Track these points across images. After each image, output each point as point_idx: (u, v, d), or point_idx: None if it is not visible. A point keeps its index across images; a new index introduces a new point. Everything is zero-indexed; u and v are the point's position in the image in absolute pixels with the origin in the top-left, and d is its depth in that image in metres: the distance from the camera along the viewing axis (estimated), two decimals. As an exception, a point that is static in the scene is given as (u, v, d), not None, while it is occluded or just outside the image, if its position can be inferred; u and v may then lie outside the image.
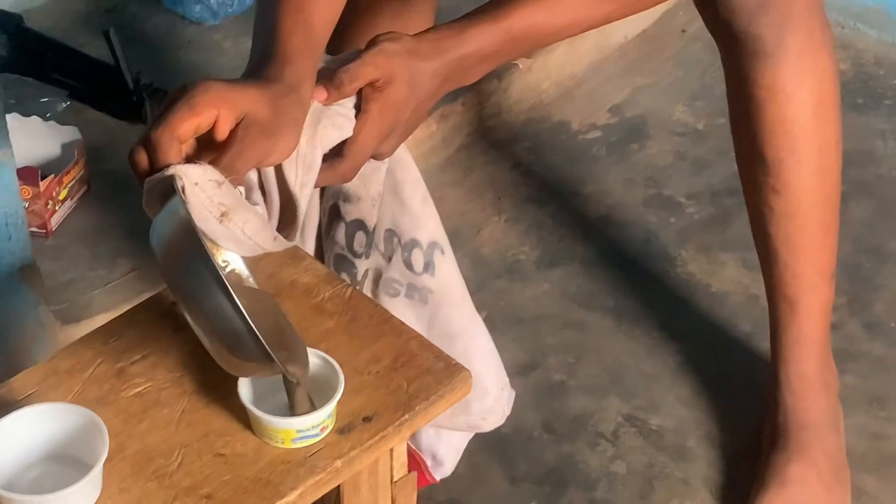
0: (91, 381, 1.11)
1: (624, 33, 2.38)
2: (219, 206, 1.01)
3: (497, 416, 1.41)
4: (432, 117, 2.09)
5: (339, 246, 1.30)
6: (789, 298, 1.56)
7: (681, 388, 1.76)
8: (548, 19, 1.16)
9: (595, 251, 1.96)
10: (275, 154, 1.07)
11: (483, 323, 1.37)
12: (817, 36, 1.44)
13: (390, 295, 1.32)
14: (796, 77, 1.43)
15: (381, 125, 1.14)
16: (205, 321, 1.01)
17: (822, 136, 1.48)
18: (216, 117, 1.03)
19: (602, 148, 2.16)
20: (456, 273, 1.34)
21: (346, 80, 1.13)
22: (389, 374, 1.13)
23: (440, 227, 1.32)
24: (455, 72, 1.17)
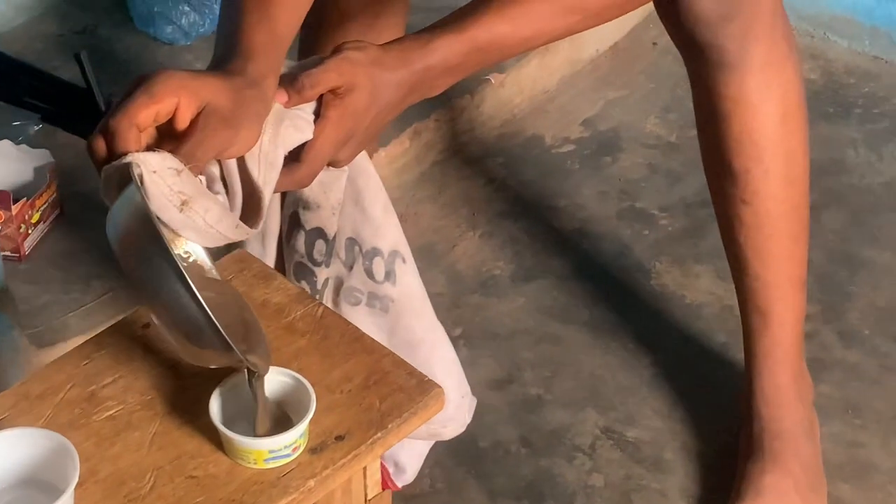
0: (62, 405, 1.10)
1: (595, 47, 2.39)
2: (179, 194, 1.01)
3: (457, 424, 1.40)
4: (405, 134, 2.10)
5: (299, 254, 1.30)
6: (761, 309, 1.57)
7: (657, 399, 1.76)
8: (512, 31, 1.16)
9: (569, 265, 1.97)
10: (235, 145, 1.05)
11: (444, 331, 1.36)
12: (782, 47, 1.45)
13: (351, 304, 1.31)
14: (761, 88, 1.44)
15: (339, 132, 1.14)
16: (163, 310, 1.01)
17: (789, 145, 1.49)
18: (176, 105, 1.02)
19: (575, 161, 2.17)
20: (417, 282, 1.33)
21: (308, 85, 1.12)
22: (362, 392, 1.13)
23: (401, 236, 1.31)
24: (419, 83, 1.16)
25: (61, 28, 2.31)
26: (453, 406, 1.38)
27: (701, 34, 1.42)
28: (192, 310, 0.98)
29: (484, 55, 1.17)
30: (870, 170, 2.11)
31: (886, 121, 2.21)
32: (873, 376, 1.78)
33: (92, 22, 2.32)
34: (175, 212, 1.01)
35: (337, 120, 1.13)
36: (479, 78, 2.20)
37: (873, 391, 1.76)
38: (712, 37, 1.41)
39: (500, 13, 1.15)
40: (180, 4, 2.24)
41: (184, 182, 1.01)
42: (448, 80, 1.18)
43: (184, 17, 2.25)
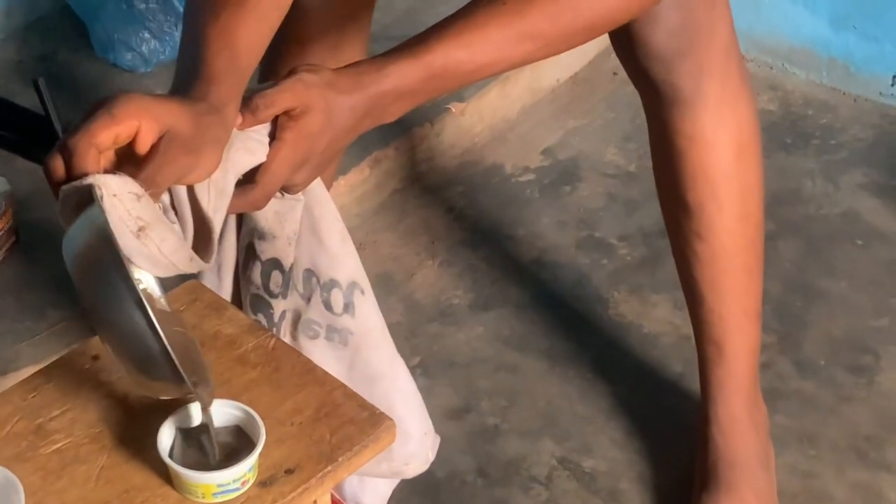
0: (9, 437, 1.09)
1: (556, 76, 2.41)
2: (137, 220, 0.99)
3: (420, 461, 1.38)
4: (365, 162, 2.10)
5: (255, 286, 1.28)
6: (716, 340, 1.57)
7: (613, 429, 1.77)
8: (468, 57, 1.15)
9: (528, 294, 1.97)
10: (195, 171, 1.04)
11: (405, 365, 1.35)
12: (735, 83, 1.46)
13: (310, 337, 1.30)
14: (715, 124, 1.45)
15: (294, 154, 1.12)
16: (117, 337, 0.99)
17: (744, 181, 1.49)
18: (137, 128, 1.01)
19: (535, 190, 2.18)
20: (376, 314, 1.31)
21: (262, 106, 1.11)
22: (312, 424, 1.12)
23: (360, 267, 1.29)
24: (374, 108, 1.15)
25: (20, 54, 2.30)
26: (415, 442, 1.36)
27: (655, 71, 1.43)
28: (147, 338, 0.97)
29: (440, 81, 1.16)
30: (826, 200, 2.13)
31: (843, 152, 2.23)
32: (829, 406, 1.79)
33: (52, 49, 2.32)
34: (131, 238, 1.00)
35: (292, 141, 1.12)
36: (439, 106, 2.21)
37: (829, 421, 1.77)
38: (666, 73, 1.42)
39: (456, 40, 1.15)
40: (140, 31, 2.24)
41: (143, 208, 1.00)
42: (403, 106, 1.17)
43: (144, 44, 2.25)
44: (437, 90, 1.18)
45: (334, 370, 1.28)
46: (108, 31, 2.26)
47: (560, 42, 1.19)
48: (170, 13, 2.26)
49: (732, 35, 1.45)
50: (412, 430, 1.36)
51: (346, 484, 1.46)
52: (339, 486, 1.46)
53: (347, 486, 1.47)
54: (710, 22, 1.41)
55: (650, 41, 1.40)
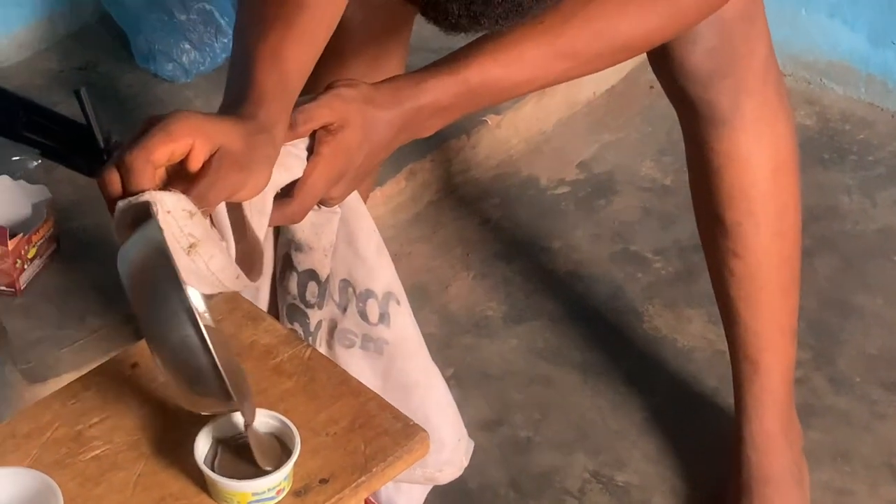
0: (49, 444, 1.11)
1: (592, 89, 2.41)
2: (188, 236, 1.00)
3: (454, 467, 1.40)
4: (401, 174, 2.11)
5: (291, 296, 1.30)
6: (751, 357, 1.57)
7: (647, 443, 1.77)
8: (504, 74, 1.16)
9: (562, 307, 1.98)
10: (246, 189, 1.06)
11: (439, 374, 1.36)
12: (773, 101, 1.45)
13: (345, 346, 1.31)
14: (752, 143, 1.45)
15: (331, 168, 1.14)
16: (169, 352, 1.01)
17: (781, 199, 1.49)
18: (191, 146, 1.02)
19: (570, 203, 2.18)
20: (412, 324, 1.33)
21: (301, 121, 1.12)
22: (347, 435, 1.13)
23: (395, 278, 1.31)
24: (411, 123, 1.17)
25: (62, 65, 2.33)
26: (449, 450, 1.38)
27: (692, 89, 1.42)
28: (199, 355, 0.99)
29: (476, 98, 1.18)
30: (863, 216, 2.12)
31: (881, 168, 2.22)
32: (863, 423, 1.79)
33: (93, 59, 2.34)
34: (182, 254, 1.01)
35: (329, 156, 1.13)
36: (475, 119, 2.22)
37: (863, 438, 1.77)
38: (704, 92, 1.42)
39: (493, 57, 1.16)
40: (181, 42, 2.26)
41: (195, 225, 1.01)
42: (439, 121, 1.18)
43: (184, 55, 2.27)
44: (473, 106, 1.19)
45: (369, 379, 1.30)
46: (149, 41, 2.28)
47: (596, 61, 1.20)
48: (210, 25, 2.28)
49: (770, 53, 1.45)
50: (446, 437, 1.37)
51: (382, 489, 1.47)
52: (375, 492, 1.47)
53: (383, 492, 1.48)
54: (748, 41, 1.41)
55: (688, 60, 1.40)
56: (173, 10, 2.27)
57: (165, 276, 0.98)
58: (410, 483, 1.45)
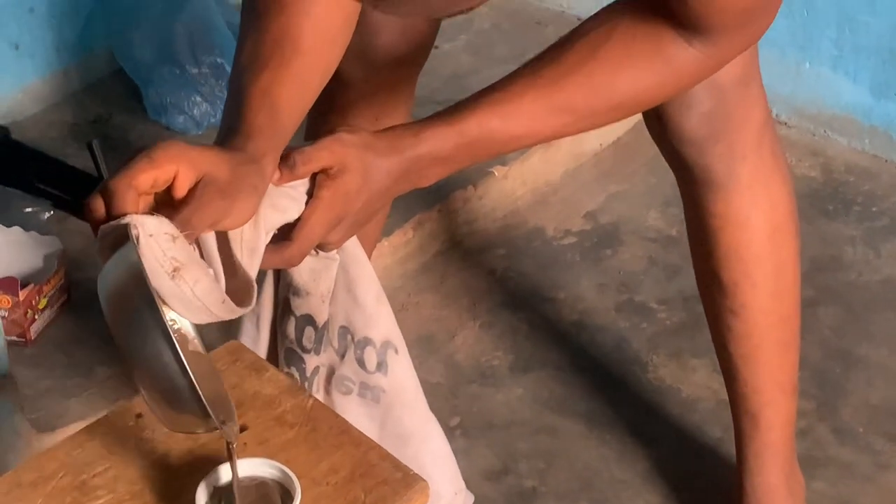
0: (54, 493, 1.12)
1: (599, 141, 2.44)
2: (172, 260, 1.01)
3: None
4: (409, 224, 2.14)
5: (289, 340, 1.30)
6: (751, 412, 1.58)
7: (651, 493, 1.77)
8: (502, 127, 1.17)
9: (568, 356, 1.99)
10: (230, 217, 1.07)
11: (438, 425, 1.36)
12: (768, 163, 1.46)
13: (343, 393, 1.31)
14: (748, 206, 1.45)
15: (330, 212, 1.15)
16: (146, 370, 1.01)
17: (778, 259, 1.50)
18: (175, 173, 1.04)
19: (576, 253, 2.20)
20: (410, 374, 1.33)
21: (300, 162, 1.13)
22: (347, 484, 1.14)
23: (395, 327, 1.31)
24: (409, 172, 1.17)
25: (76, 117, 2.37)
26: (445, 502, 1.37)
27: (688, 153, 1.43)
28: (173, 371, 0.98)
29: (474, 149, 1.18)
30: (867, 267, 2.14)
31: (885, 219, 2.24)
32: (867, 474, 1.79)
33: (106, 112, 2.38)
34: (166, 279, 1.02)
35: (329, 200, 1.14)
36: (482, 170, 2.24)
37: (866, 489, 1.77)
38: (699, 156, 1.43)
39: (491, 109, 1.17)
40: (192, 95, 2.30)
41: (178, 249, 1.02)
42: (439, 171, 1.19)
43: (196, 108, 2.30)
44: (472, 157, 1.20)
45: (366, 427, 1.30)
46: (161, 94, 2.32)
47: (593, 118, 1.20)
48: (221, 77, 2.32)
49: (767, 116, 1.45)
50: (443, 490, 1.37)
51: None
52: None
53: None
54: (744, 105, 1.41)
55: (683, 125, 1.41)
56: (185, 64, 2.30)
57: (140, 294, 0.99)
58: None
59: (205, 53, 2.30)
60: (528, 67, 1.17)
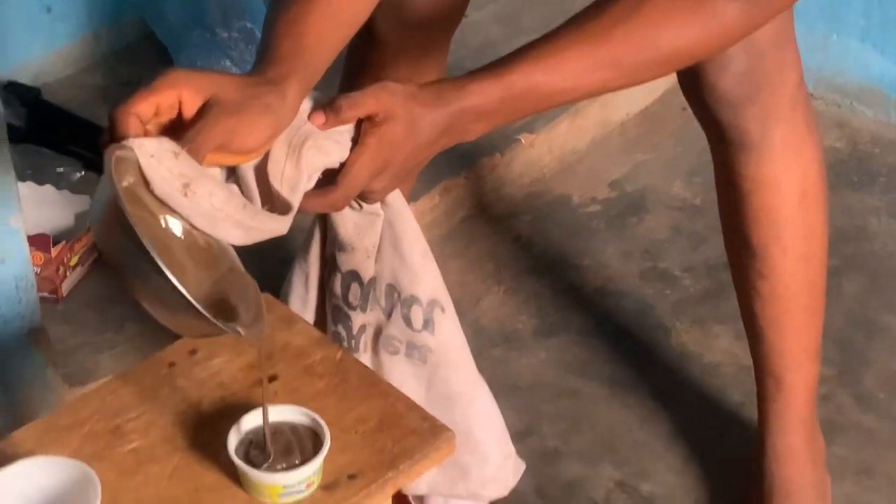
0: (88, 436, 1.15)
1: (626, 110, 2.44)
2: (179, 176, 1.02)
3: (499, 486, 1.38)
4: (435, 190, 2.15)
5: (335, 297, 1.30)
6: (775, 375, 1.60)
7: (672, 456, 1.79)
8: (546, 80, 1.17)
9: (591, 322, 2.01)
10: (241, 135, 1.07)
11: (486, 387, 1.35)
12: (801, 128, 1.47)
13: (390, 352, 1.31)
14: (780, 169, 1.47)
15: (375, 159, 1.15)
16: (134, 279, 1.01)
17: (808, 224, 1.51)
18: (178, 98, 1.05)
19: (601, 221, 2.21)
20: (457, 333, 1.32)
21: (345, 107, 1.14)
22: (375, 434, 1.17)
23: (441, 285, 1.30)
24: (454, 124, 1.17)
25: (106, 80, 2.39)
26: (494, 466, 1.36)
27: (722, 114, 1.44)
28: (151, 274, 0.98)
29: (518, 103, 1.18)
30: (891, 238, 2.14)
31: (910, 190, 2.25)
32: (887, 440, 1.80)
33: (136, 75, 2.39)
34: (179, 197, 1.02)
35: (374, 147, 1.14)
36: (509, 137, 2.26)
37: (887, 454, 1.78)
38: (733, 117, 1.44)
39: (536, 63, 1.17)
40: (222, 59, 2.32)
41: (182, 164, 1.02)
42: (483, 126, 1.19)
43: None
44: (516, 112, 1.20)
45: (413, 387, 1.30)
46: (192, 59, 2.33)
47: (637, 73, 1.20)
48: (251, 42, 2.33)
49: (800, 80, 1.46)
50: (491, 452, 1.36)
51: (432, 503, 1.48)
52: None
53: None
54: (779, 67, 1.43)
55: (718, 85, 1.42)
56: (215, 28, 2.32)
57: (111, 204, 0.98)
58: (456, 498, 1.44)
59: (236, 18, 2.32)
60: (572, 22, 1.17)
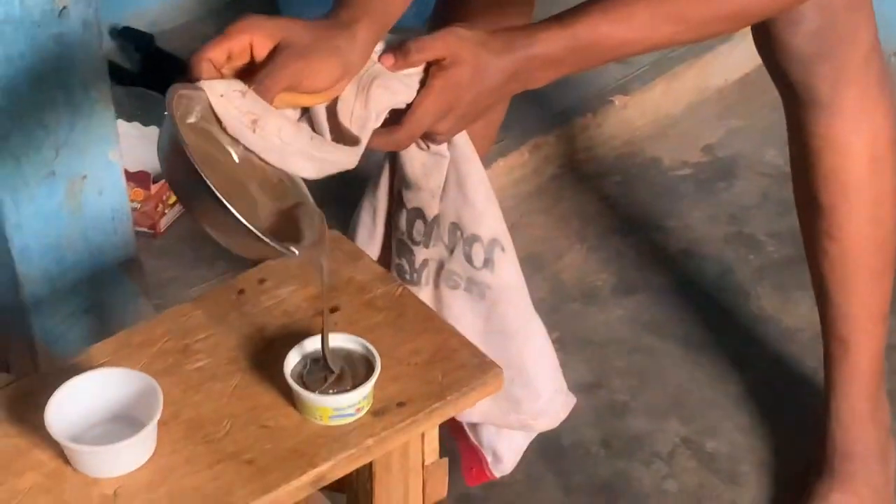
0: (158, 354, 1.22)
1: (725, 76, 2.45)
2: (248, 114, 1.07)
3: (550, 418, 1.44)
4: (525, 146, 2.19)
5: (400, 231, 1.36)
6: (841, 337, 1.61)
7: (741, 416, 1.81)
8: (613, 31, 1.19)
9: (671, 282, 2.03)
10: (310, 76, 1.11)
11: (542, 326, 1.40)
12: (874, 91, 1.48)
13: (451, 287, 1.36)
14: (850, 130, 1.48)
15: (440, 102, 1.18)
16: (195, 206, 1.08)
17: (877, 188, 1.52)
18: (249, 42, 1.10)
19: (690, 185, 2.23)
20: (516, 272, 1.36)
21: (414, 50, 1.18)
22: (427, 366, 1.22)
23: (502, 225, 1.35)
24: (521, 71, 1.20)
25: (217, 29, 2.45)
26: (544, 400, 1.42)
27: (794, 72, 1.46)
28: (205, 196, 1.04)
29: (585, 53, 1.21)
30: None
31: None
32: (959, 412, 1.80)
33: (246, 25, 2.48)
34: (248, 133, 1.08)
35: (439, 89, 1.18)
36: (602, 98, 2.28)
37: (958, 427, 1.78)
38: (805, 75, 1.46)
39: (603, 14, 1.19)
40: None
41: (249, 102, 1.08)
42: (550, 74, 1.22)
43: (330, 26, 2.38)
44: (583, 62, 1.22)
45: (471, 322, 1.36)
46: (299, 12, 2.40)
47: (704, 27, 1.21)
48: (355, -3, 2.39)
49: (875, 42, 1.47)
50: (542, 387, 1.41)
51: (485, 433, 1.53)
52: (478, 435, 1.54)
53: (486, 436, 1.53)
54: (852, 27, 1.44)
55: (790, 42, 1.44)
56: (323, -18, 2.38)
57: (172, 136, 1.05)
58: (507, 427, 1.51)
59: (341, -28, 2.38)
60: None
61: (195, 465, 1.12)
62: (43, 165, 1.57)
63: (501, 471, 1.57)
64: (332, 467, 1.13)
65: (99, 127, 1.62)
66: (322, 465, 1.13)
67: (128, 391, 1.15)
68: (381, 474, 1.22)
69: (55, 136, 1.57)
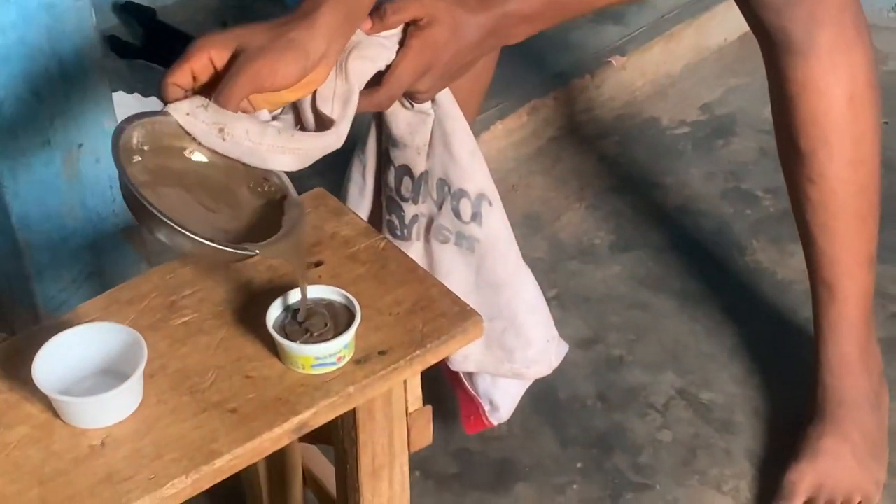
0: (145, 311, 1.25)
1: (724, 36, 2.46)
2: (213, 125, 1.12)
3: (542, 366, 1.47)
4: (523, 109, 2.21)
5: (389, 188, 1.40)
6: (827, 283, 1.62)
7: (736, 367, 1.83)
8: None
9: (668, 238, 2.05)
10: (270, 75, 1.13)
11: (531, 276, 1.43)
12: (849, 32, 1.49)
13: (440, 241, 1.40)
14: (827, 72, 1.49)
15: (418, 61, 1.22)
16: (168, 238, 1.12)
17: (857, 128, 1.53)
18: (208, 59, 1.14)
19: (688, 143, 2.24)
20: (504, 225, 1.40)
21: (390, 11, 1.21)
22: (408, 315, 1.24)
23: (489, 180, 1.38)
24: (498, 27, 1.23)
25: (220, 2, 2.50)
26: (536, 349, 1.45)
27: (768, 18, 1.47)
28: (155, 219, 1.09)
29: (561, 8, 1.24)
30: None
31: None
32: (954, 358, 1.81)
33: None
34: (221, 142, 1.13)
35: (418, 49, 1.21)
36: (600, 59, 2.30)
37: (952, 372, 1.79)
38: (778, 20, 1.47)
39: None
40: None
41: (212, 114, 1.13)
42: (527, 29, 1.24)
43: (329, -4, 2.40)
44: (560, 15, 1.25)
45: (463, 275, 1.40)
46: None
47: None
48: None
49: None
50: (534, 336, 1.45)
51: (480, 382, 1.56)
52: (474, 383, 1.57)
53: (481, 384, 1.57)
54: None
55: None
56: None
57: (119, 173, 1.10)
58: (502, 376, 1.54)
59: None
60: None
61: (180, 414, 1.15)
62: (38, 134, 1.61)
63: (498, 418, 1.60)
64: (314, 415, 1.16)
65: (94, 96, 1.65)
66: (304, 413, 1.16)
67: (114, 345, 1.18)
68: (366, 422, 1.25)
69: (50, 106, 1.61)
